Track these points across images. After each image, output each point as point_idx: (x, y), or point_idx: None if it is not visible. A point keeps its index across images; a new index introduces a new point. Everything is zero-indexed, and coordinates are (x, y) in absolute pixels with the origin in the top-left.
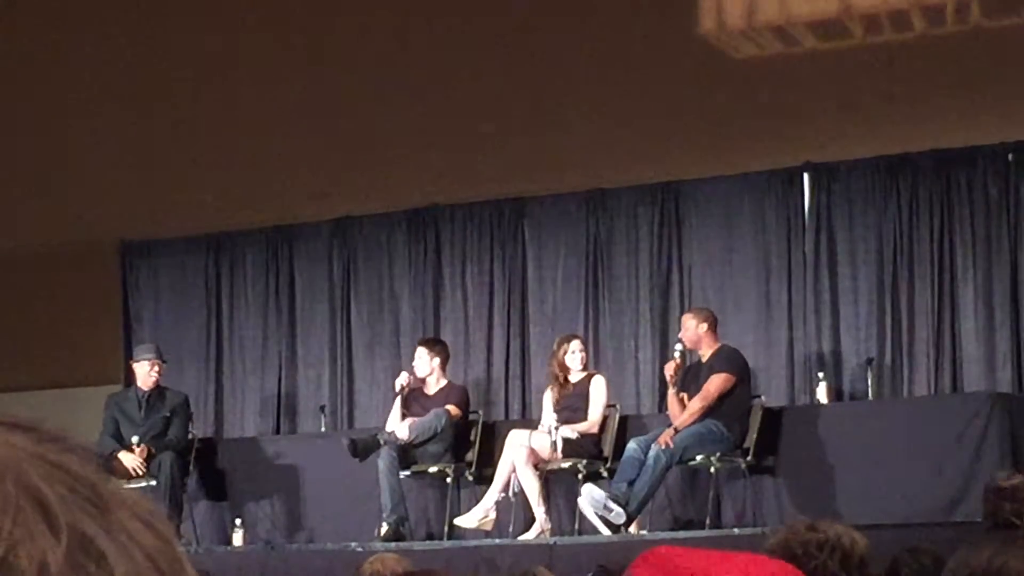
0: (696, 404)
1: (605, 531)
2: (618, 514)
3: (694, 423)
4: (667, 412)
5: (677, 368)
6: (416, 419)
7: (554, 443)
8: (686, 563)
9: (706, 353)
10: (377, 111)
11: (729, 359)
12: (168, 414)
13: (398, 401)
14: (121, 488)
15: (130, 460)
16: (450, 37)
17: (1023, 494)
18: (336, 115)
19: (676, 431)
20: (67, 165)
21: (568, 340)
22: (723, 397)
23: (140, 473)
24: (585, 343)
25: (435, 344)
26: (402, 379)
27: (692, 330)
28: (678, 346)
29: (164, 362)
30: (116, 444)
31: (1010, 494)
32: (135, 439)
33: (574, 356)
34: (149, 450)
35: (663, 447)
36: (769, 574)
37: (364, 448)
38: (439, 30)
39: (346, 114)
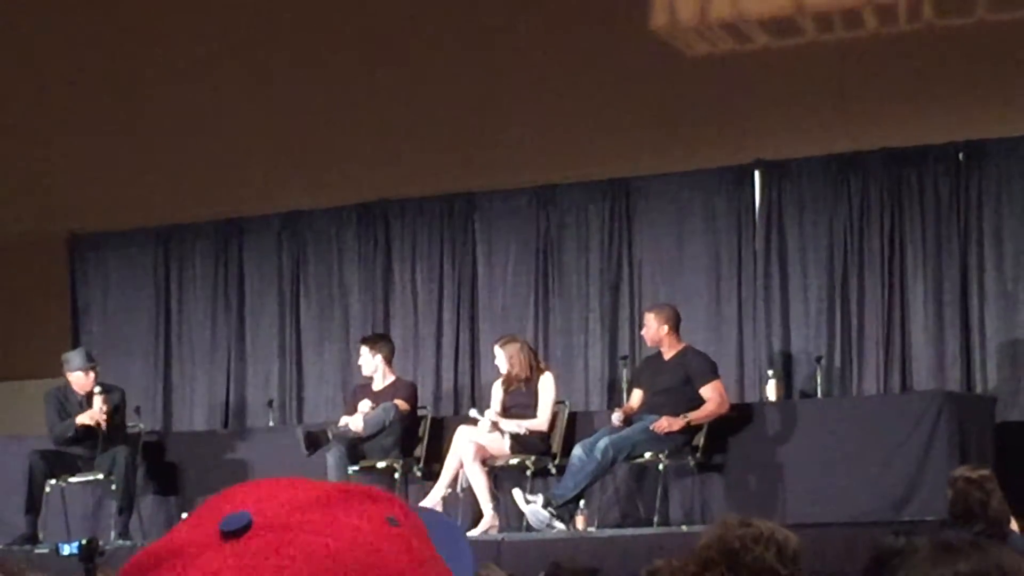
0: (713, 410)
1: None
2: (561, 530)
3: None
4: (616, 409)
5: (626, 412)
6: (369, 410)
7: (496, 428)
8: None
9: (668, 352)
10: (327, 105)
11: (709, 364)
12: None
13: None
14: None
15: (90, 415)
16: (401, 33)
17: (990, 485)
18: (286, 108)
19: (688, 422)
20: (17, 157)
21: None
22: (695, 400)
23: (103, 420)
24: (534, 340)
25: (376, 340)
26: (363, 407)
27: (654, 329)
28: (616, 416)
29: (96, 364)
30: (72, 422)
31: (978, 484)
32: (97, 389)
33: (499, 360)
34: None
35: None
36: (319, 494)
37: (313, 442)
38: (389, 26)
39: (296, 108)
